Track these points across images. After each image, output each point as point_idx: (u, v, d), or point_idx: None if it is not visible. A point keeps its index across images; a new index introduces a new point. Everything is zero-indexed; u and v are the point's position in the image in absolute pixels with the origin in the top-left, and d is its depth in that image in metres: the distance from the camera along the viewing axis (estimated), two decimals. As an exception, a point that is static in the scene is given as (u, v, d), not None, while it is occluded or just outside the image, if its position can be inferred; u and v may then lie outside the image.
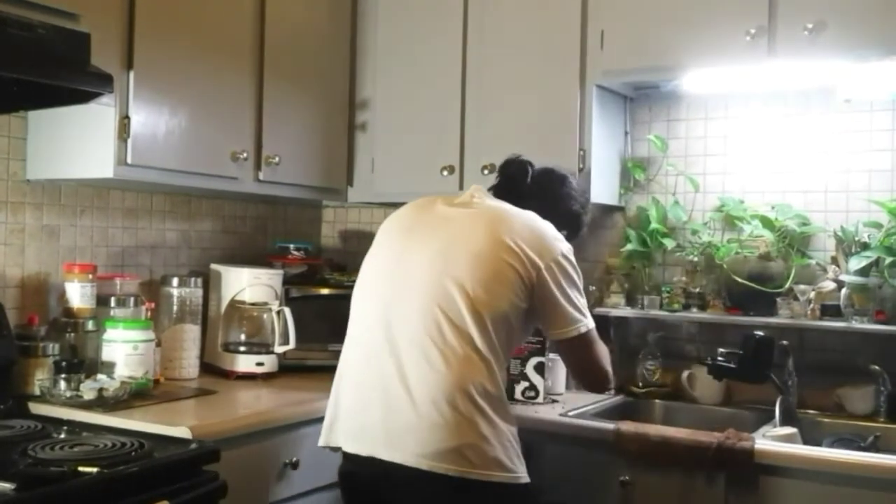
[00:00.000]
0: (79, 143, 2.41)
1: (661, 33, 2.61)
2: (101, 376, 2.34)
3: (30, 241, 2.53)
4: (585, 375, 2.20)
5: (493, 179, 2.31)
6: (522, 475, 1.90)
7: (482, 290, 1.92)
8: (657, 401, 2.84)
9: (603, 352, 2.14)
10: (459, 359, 1.87)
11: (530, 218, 2.07)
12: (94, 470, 1.71)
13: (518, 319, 1.98)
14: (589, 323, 2.06)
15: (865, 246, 2.57)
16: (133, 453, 1.84)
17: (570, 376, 2.79)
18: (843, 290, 2.58)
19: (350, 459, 2.00)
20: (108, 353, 2.44)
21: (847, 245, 2.61)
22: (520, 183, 2.21)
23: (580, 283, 2.07)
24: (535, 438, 2.28)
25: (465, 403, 1.85)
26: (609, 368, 2.16)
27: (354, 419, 1.98)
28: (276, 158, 2.79)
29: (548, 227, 2.07)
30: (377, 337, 1.97)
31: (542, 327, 2.12)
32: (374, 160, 3.12)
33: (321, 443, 2.08)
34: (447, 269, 1.94)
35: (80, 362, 2.38)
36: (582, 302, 2.05)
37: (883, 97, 2.65)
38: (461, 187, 2.89)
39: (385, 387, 1.91)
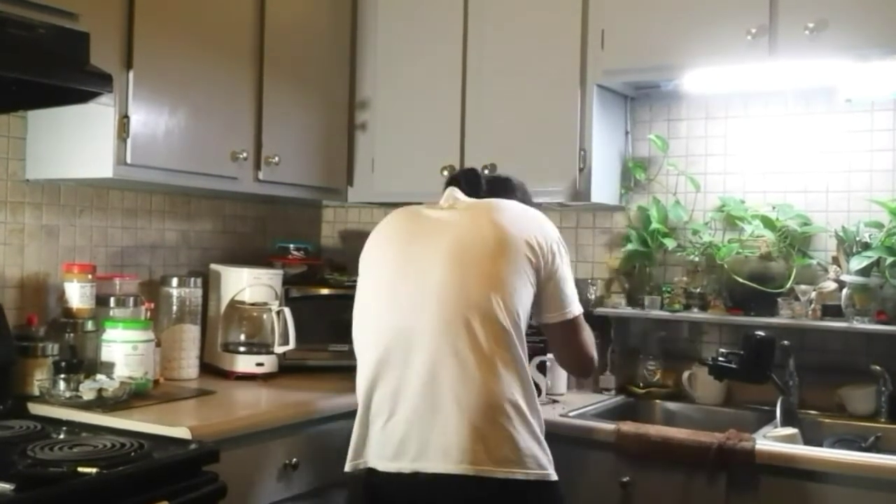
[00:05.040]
0: (78, 142, 2.40)
1: (662, 33, 2.61)
2: (100, 376, 2.33)
3: (29, 241, 2.53)
4: (576, 360, 2.21)
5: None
6: (553, 472, 1.92)
7: (507, 287, 1.92)
8: (658, 401, 2.84)
9: (591, 337, 2.19)
10: (495, 359, 1.87)
11: (521, 206, 2.10)
12: (94, 470, 1.71)
13: (530, 309, 2.00)
14: (580, 307, 2.12)
15: (866, 246, 2.57)
16: (132, 454, 1.83)
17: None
18: (845, 291, 2.57)
19: (383, 479, 1.93)
20: (107, 354, 2.43)
21: (848, 245, 2.61)
22: (478, 188, 2.19)
23: None
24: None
25: (505, 404, 1.85)
26: (595, 354, 2.20)
27: (389, 437, 1.91)
28: (276, 158, 2.78)
29: (539, 213, 2.11)
30: (402, 351, 1.92)
31: (536, 313, 2.08)
32: (374, 160, 3.12)
33: (348, 468, 1.99)
34: (467, 271, 1.92)
35: (80, 362, 2.37)
36: (573, 286, 2.09)
37: (884, 97, 2.64)
38: (461, 187, 2.88)
39: (421, 399, 1.88)
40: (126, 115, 2.33)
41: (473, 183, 2.19)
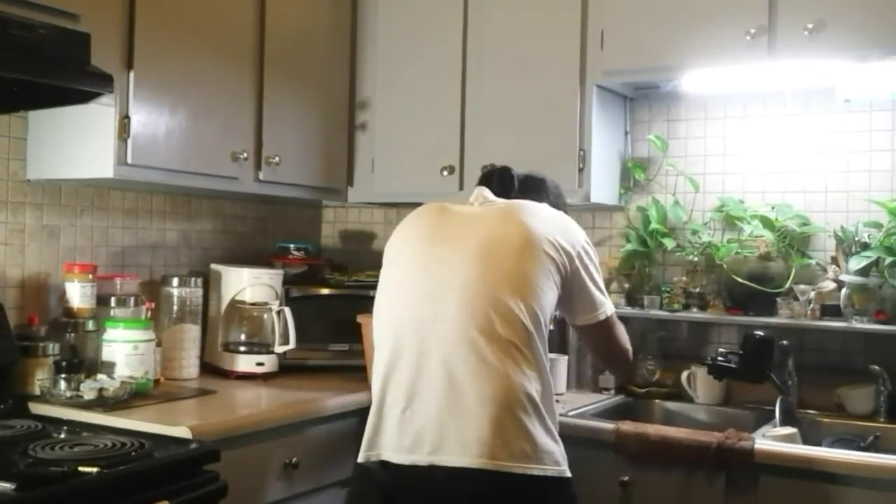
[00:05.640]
0: (79, 143, 2.41)
1: (661, 33, 2.61)
2: (101, 376, 2.34)
3: (30, 241, 2.53)
4: (612, 359, 2.25)
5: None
6: (567, 469, 1.91)
7: (530, 286, 1.91)
8: (657, 401, 2.84)
9: (624, 333, 2.20)
10: (515, 355, 1.86)
11: (549, 209, 2.09)
12: (95, 470, 1.71)
13: (553, 310, 2.00)
14: (611, 306, 2.12)
15: (865, 246, 2.57)
16: (133, 453, 1.83)
17: (593, 365, 2.91)
18: (844, 290, 2.58)
19: (398, 472, 1.89)
20: (108, 353, 2.44)
21: (847, 245, 2.61)
22: (510, 187, 2.19)
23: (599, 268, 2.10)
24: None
25: (523, 399, 1.84)
26: (630, 349, 2.23)
27: (406, 429, 1.88)
28: (276, 158, 2.79)
29: (567, 216, 2.10)
30: (422, 343, 1.90)
31: (567, 315, 2.10)
32: (374, 160, 3.12)
33: (361, 458, 1.95)
34: (490, 270, 1.91)
35: (81, 362, 2.38)
36: (603, 286, 2.09)
37: (882, 97, 2.65)
38: (461, 187, 2.89)
39: (439, 392, 1.86)
40: (127, 115, 2.33)
41: (506, 182, 2.18)
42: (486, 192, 2.12)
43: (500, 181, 2.18)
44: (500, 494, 1.83)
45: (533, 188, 2.22)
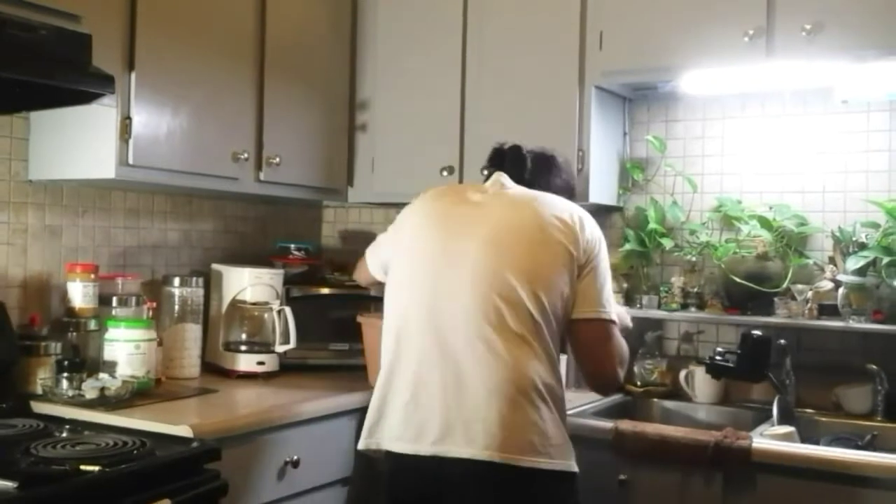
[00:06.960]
0: (81, 143, 2.42)
1: (660, 34, 2.62)
2: (102, 375, 2.35)
3: (32, 241, 2.55)
4: (598, 369, 2.00)
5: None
6: (574, 464, 1.89)
7: (542, 279, 1.88)
8: (655, 400, 2.85)
9: (622, 351, 2.01)
10: (524, 347, 1.84)
11: (566, 202, 2.04)
12: (96, 468, 1.72)
13: (567, 303, 1.94)
14: (614, 315, 1.99)
15: (863, 246, 2.58)
16: (135, 452, 1.85)
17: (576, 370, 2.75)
18: (841, 290, 2.59)
19: (400, 462, 1.89)
20: (109, 353, 2.45)
21: (844, 245, 2.62)
22: (522, 167, 2.15)
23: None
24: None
25: (532, 391, 1.82)
26: (621, 371, 2.00)
27: (409, 418, 1.87)
28: (277, 159, 2.80)
29: (584, 211, 2.04)
30: (430, 332, 1.89)
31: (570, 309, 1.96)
32: (374, 160, 3.13)
33: (361, 446, 1.96)
34: (502, 257, 1.89)
35: (82, 361, 2.39)
36: (611, 292, 2.01)
37: (880, 98, 2.66)
38: (461, 187, 2.90)
39: (445, 382, 1.84)
40: (128, 116, 2.34)
41: (518, 162, 2.14)
42: (504, 179, 2.08)
43: (513, 161, 2.14)
44: (504, 486, 1.81)
45: (545, 167, 2.18)
